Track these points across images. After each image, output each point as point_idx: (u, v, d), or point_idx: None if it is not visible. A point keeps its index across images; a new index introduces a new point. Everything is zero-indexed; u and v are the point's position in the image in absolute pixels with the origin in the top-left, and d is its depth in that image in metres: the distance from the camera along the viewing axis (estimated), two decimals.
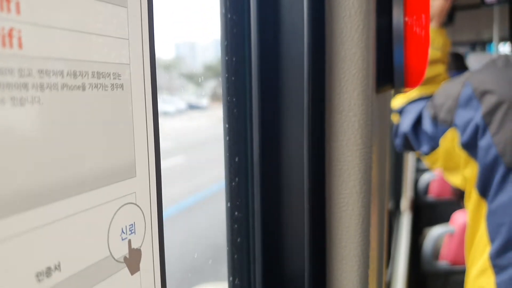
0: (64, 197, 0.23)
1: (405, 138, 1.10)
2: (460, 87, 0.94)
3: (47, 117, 0.22)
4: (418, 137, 1.07)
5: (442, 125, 0.97)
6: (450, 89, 0.97)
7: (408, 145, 1.12)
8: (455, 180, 1.04)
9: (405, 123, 1.09)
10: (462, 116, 0.93)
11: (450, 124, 0.96)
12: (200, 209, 5.12)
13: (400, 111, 1.14)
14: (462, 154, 0.96)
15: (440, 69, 1.12)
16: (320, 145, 0.50)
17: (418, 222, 2.56)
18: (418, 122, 1.06)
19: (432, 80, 1.10)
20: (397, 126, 1.14)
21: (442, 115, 0.97)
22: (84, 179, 0.24)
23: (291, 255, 0.52)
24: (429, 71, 1.07)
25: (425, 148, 1.05)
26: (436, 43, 1.10)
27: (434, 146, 1.02)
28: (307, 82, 0.47)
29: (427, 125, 1.02)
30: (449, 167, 1.03)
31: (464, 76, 0.97)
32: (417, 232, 2.35)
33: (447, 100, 0.96)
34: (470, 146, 0.93)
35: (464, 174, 0.98)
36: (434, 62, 1.10)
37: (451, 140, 0.97)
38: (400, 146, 1.15)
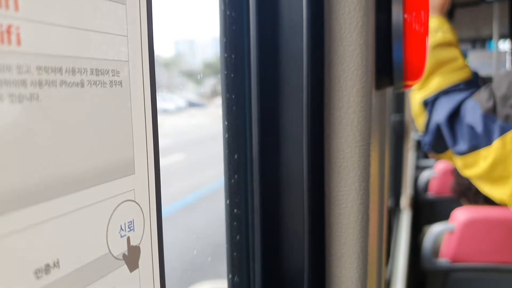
0: (62, 194, 0.23)
1: (438, 132, 0.92)
2: None
3: (46, 114, 0.21)
4: (455, 132, 0.89)
5: (502, 122, 0.80)
6: None
7: (439, 143, 0.93)
8: (502, 192, 0.83)
9: (439, 114, 0.92)
10: None
11: None
12: (199, 206, 5.12)
13: (427, 104, 0.97)
14: None
15: (455, 52, 1.00)
16: (319, 142, 0.50)
17: (418, 220, 2.56)
18: (455, 114, 0.89)
19: (449, 65, 0.98)
20: (428, 121, 0.96)
21: (505, 110, 0.79)
22: (83, 176, 0.24)
23: (291, 252, 0.52)
24: (444, 54, 0.98)
25: (462, 146, 0.87)
26: (445, 27, 1.01)
27: (477, 145, 0.84)
28: (306, 79, 0.47)
29: (473, 119, 0.84)
30: (495, 175, 0.84)
31: None
32: (417, 229, 2.35)
33: None
34: None
35: None
36: (448, 44, 1.00)
37: None
38: (430, 145, 0.96)
